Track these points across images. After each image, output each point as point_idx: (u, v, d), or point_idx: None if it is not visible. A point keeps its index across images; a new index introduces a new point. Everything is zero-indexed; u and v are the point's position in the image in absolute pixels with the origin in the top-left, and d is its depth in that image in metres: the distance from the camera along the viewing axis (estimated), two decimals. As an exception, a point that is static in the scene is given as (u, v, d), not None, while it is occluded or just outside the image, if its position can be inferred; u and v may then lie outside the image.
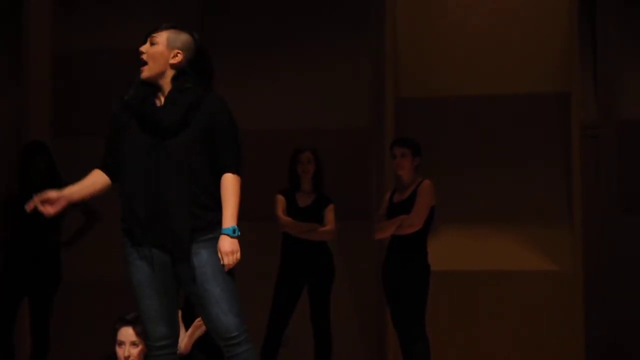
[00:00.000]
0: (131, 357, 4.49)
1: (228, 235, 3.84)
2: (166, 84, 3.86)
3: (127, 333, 4.52)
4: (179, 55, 3.84)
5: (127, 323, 4.53)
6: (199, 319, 4.96)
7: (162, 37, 3.84)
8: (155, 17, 7.65)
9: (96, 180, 3.94)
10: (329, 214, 6.39)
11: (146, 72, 3.84)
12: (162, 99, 3.86)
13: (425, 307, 5.85)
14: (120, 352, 4.51)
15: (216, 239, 3.83)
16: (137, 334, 4.49)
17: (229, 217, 3.85)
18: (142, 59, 3.84)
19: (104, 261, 7.46)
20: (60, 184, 6.38)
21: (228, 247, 3.83)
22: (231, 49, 7.57)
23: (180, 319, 5.38)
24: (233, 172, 3.87)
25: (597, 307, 7.03)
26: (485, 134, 7.27)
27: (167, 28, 3.88)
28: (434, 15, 7.55)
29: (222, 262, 3.83)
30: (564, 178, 7.23)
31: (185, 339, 4.88)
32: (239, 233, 3.86)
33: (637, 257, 7.07)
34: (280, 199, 6.42)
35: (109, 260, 7.49)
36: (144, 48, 3.84)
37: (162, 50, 3.83)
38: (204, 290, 3.83)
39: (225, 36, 7.61)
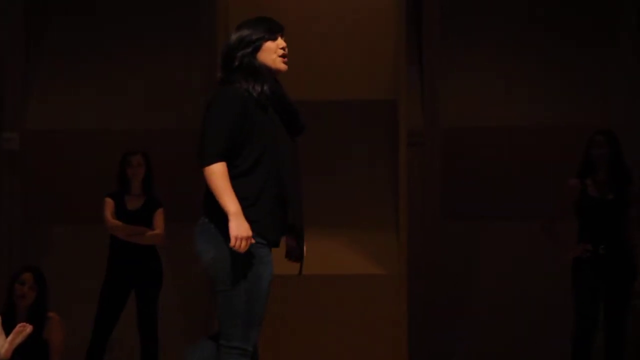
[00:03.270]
0: None
1: None
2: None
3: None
4: None
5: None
6: (19, 325, 4.83)
7: None
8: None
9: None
10: (159, 217, 6.33)
11: (286, 66, 3.85)
12: None
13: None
14: None
15: None
16: None
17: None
18: (286, 53, 3.83)
19: None
20: None
21: None
22: (58, 49, 7.41)
23: (0, 326, 5.22)
24: None
25: (421, 308, 7.21)
26: (315, 140, 7.33)
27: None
28: (266, 20, 7.57)
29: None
30: (391, 183, 7.39)
31: (5, 345, 4.76)
32: None
33: (458, 262, 7.28)
34: (109, 202, 6.33)
35: None
36: (284, 44, 3.81)
37: None
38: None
39: (51, 36, 7.43)
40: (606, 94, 7.26)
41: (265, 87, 3.67)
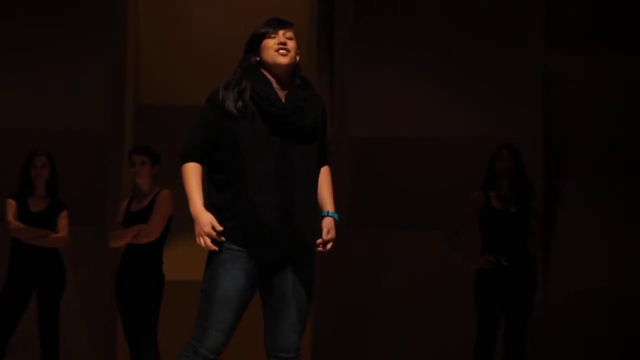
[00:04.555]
0: None
1: (336, 220, 3.74)
2: (285, 78, 3.71)
3: None
4: (298, 54, 3.77)
5: None
6: None
7: (293, 33, 3.76)
8: None
9: (200, 177, 3.65)
10: (63, 220, 6.25)
11: (288, 59, 3.68)
12: (280, 93, 3.68)
13: (157, 316, 5.85)
14: None
15: (315, 254, 3.70)
16: None
17: (333, 204, 3.77)
18: (286, 47, 3.69)
19: None
20: None
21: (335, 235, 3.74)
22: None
23: None
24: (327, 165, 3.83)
25: (326, 316, 7.25)
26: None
27: (292, 25, 3.78)
28: (178, 23, 7.55)
29: (327, 247, 3.71)
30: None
31: None
32: None
33: (365, 270, 7.32)
34: (11, 204, 6.22)
35: None
36: (284, 38, 3.70)
37: (296, 46, 3.75)
38: (288, 307, 3.69)
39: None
40: (515, 109, 7.38)
41: (249, 89, 3.65)
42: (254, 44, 3.75)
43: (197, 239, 3.61)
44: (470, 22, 7.43)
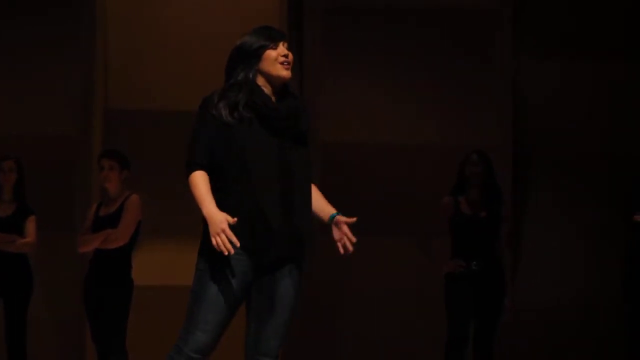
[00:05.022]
0: None
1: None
2: (279, 87, 3.74)
3: None
4: None
5: None
6: None
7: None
8: None
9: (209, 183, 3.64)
10: (30, 225, 6.21)
11: (290, 73, 3.75)
12: (273, 99, 3.72)
13: (126, 321, 5.83)
14: None
15: (306, 261, 3.75)
16: None
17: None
18: (289, 60, 3.74)
19: None
20: None
21: None
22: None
23: None
24: None
25: (294, 319, 7.23)
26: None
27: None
28: (147, 26, 7.52)
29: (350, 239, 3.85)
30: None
31: None
32: None
33: (330, 276, 7.32)
34: (-22, 209, 6.18)
35: None
36: (286, 50, 3.75)
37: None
38: (275, 309, 3.69)
39: None
40: (485, 116, 7.42)
41: (243, 100, 3.67)
42: (252, 54, 3.74)
43: (213, 240, 3.54)
44: (441, 28, 7.46)
